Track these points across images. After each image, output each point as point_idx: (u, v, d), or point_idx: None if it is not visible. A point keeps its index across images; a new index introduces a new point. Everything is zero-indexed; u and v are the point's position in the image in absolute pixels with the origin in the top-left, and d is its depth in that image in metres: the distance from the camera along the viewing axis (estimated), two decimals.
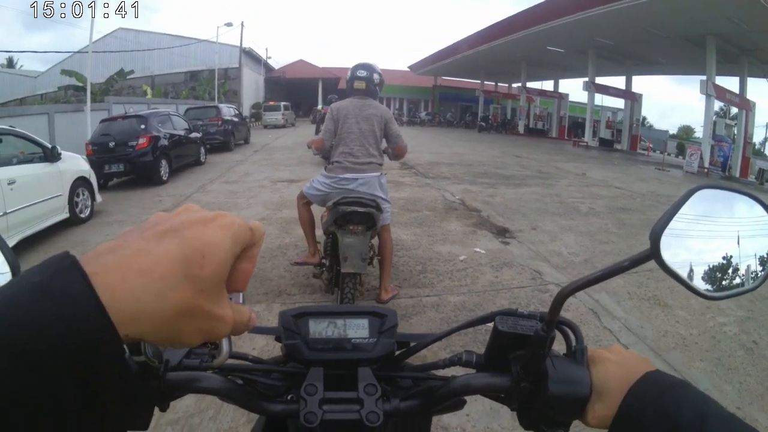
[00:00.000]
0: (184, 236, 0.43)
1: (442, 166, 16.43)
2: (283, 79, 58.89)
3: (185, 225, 0.45)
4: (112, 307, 0.38)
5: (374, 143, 4.75)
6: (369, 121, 4.73)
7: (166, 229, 0.44)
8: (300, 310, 0.87)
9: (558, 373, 0.72)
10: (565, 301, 0.69)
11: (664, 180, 16.28)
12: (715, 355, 4.17)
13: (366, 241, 4.31)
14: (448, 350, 3.19)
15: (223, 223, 0.46)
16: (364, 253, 4.25)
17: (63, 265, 0.39)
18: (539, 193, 11.50)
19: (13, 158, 7.96)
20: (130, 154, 12.87)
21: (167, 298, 0.41)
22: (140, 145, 12.96)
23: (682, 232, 0.64)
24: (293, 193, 10.44)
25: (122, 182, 13.66)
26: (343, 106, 4.82)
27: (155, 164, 13.28)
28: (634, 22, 20.90)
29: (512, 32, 28.82)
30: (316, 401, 0.74)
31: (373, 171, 4.71)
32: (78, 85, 28.69)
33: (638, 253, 0.62)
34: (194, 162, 16.82)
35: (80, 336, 0.36)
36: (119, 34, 45.65)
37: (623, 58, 29.08)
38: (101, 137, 13.22)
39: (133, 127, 13.46)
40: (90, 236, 8.25)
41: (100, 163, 12.32)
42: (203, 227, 0.45)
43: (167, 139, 14.28)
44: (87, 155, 12.10)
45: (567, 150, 27.32)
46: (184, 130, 16.28)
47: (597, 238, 7.68)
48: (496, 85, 51.87)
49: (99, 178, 11.21)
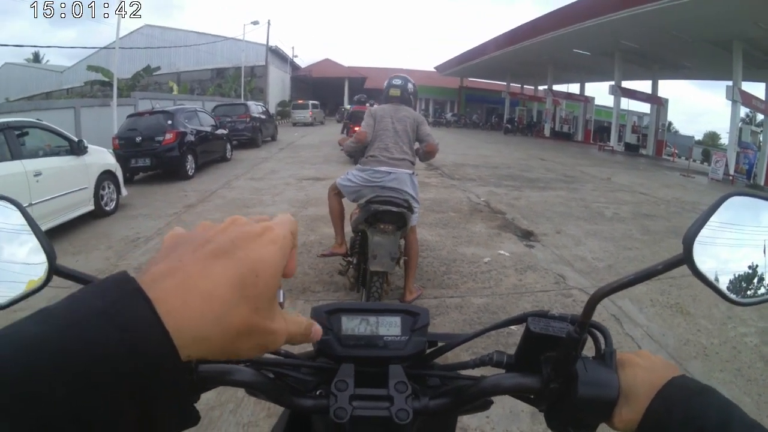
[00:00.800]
0: (237, 257, 0.44)
1: (467, 168, 16.40)
2: (309, 78, 58.86)
3: (237, 243, 0.45)
4: (175, 333, 0.39)
5: (407, 143, 4.97)
6: (403, 122, 4.96)
7: (219, 249, 0.44)
8: (333, 306, 0.89)
9: (588, 375, 0.73)
10: (599, 303, 0.70)
11: (689, 186, 16.12)
12: (735, 365, 4.15)
13: (396, 240, 4.40)
14: (470, 351, 3.25)
15: (272, 238, 0.47)
16: (393, 253, 4.32)
17: (126, 290, 0.40)
18: (564, 197, 11.47)
19: (40, 151, 8.12)
20: (156, 149, 13.13)
21: (226, 320, 0.42)
22: (167, 140, 13.22)
23: (711, 238, 0.64)
24: (318, 191, 10.56)
25: (148, 176, 13.93)
26: (381, 108, 5.13)
27: (181, 159, 13.50)
28: (660, 25, 20.63)
29: (538, 34, 28.64)
30: (346, 397, 0.75)
31: (406, 168, 4.86)
32: (104, 81, 29.05)
33: (671, 257, 0.63)
34: (220, 158, 17.04)
35: (143, 361, 0.38)
36: (145, 31, 46.05)
37: (649, 62, 28.72)
38: (128, 132, 13.48)
39: (159, 122, 13.72)
40: (115, 229, 8.39)
41: (127, 157, 12.63)
42: (254, 244, 0.46)
43: (193, 134, 14.52)
44: (114, 149, 12.51)
45: (592, 154, 27.10)
46: (210, 126, 16.58)
47: (621, 244, 7.65)
48: (522, 87, 51.53)
49: (125, 172, 11.51)
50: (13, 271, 0.67)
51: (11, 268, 0.67)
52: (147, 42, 42.17)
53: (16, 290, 0.66)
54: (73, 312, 0.38)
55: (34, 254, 0.67)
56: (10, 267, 0.67)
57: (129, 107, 20.25)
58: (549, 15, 27.81)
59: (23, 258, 0.68)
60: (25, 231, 0.68)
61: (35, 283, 0.66)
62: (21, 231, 0.68)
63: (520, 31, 31.70)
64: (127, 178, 11.86)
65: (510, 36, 33.52)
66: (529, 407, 1.03)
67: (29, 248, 0.68)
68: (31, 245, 0.68)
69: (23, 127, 7.87)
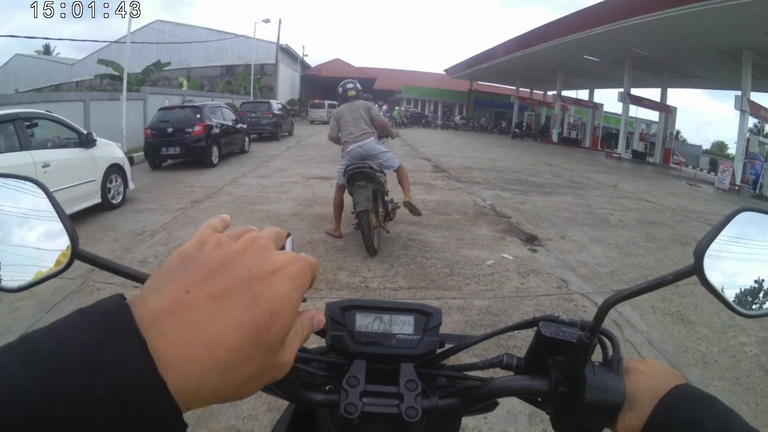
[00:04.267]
0: (251, 295, 0.40)
1: (474, 171, 16.42)
2: (319, 77, 58.71)
3: (252, 278, 0.41)
4: (174, 387, 0.35)
5: (364, 122, 7.15)
6: (357, 111, 7.21)
7: (233, 283, 0.40)
8: (348, 302, 0.89)
9: (596, 380, 0.74)
10: (610, 310, 0.72)
11: (695, 196, 16.09)
12: (733, 374, 4.17)
13: (368, 189, 6.32)
14: (470, 353, 3.30)
15: (291, 273, 0.44)
16: (368, 197, 6.30)
17: (118, 331, 0.36)
18: (570, 203, 11.48)
19: (49, 142, 8.22)
20: (186, 139, 14.75)
21: (233, 372, 0.39)
22: (196, 132, 14.88)
23: (720, 252, 0.65)
24: (325, 190, 10.65)
25: (159, 170, 14.42)
26: (339, 109, 7.44)
27: (208, 149, 15.25)
28: (671, 33, 20.62)
29: (549, 39, 28.69)
30: (357, 393, 0.76)
31: (367, 138, 7.05)
32: (114, 75, 29.21)
33: (681, 268, 0.64)
34: (239, 150, 18.78)
35: (136, 415, 0.34)
36: (157, 26, 46.15)
37: (659, 70, 28.71)
38: (160, 123, 15.02)
39: (189, 115, 15.36)
40: (121, 222, 8.45)
41: (158, 146, 14.68)
42: (271, 280, 0.42)
43: (218, 128, 16.14)
44: (146, 138, 14.94)
45: (599, 161, 27.06)
46: (232, 120, 18.20)
47: (625, 251, 7.66)
48: (531, 92, 51.37)
49: (155, 158, 14.93)
50: (37, 252, 0.68)
51: (35, 250, 0.68)
52: (158, 37, 42.13)
53: (37, 272, 0.67)
54: (55, 353, 0.34)
55: (58, 237, 0.68)
56: (35, 248, 0.68)
57: (138, 102, 20.65)
58: (560, 20, 27.82)
59: (47, 240, 0.68)
60: (50, 214, 0.69)
61: (58, 265, 0.67)
62: (46, 214, 0.69)
63: (530, 35, 31.71)
64: (156, 164, 15.08)
65: (520, 40, 33.53)
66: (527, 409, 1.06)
67: (53, 231, 0.68)
68: (55, 228, 0.68)
69: (33, 118, 7.96)
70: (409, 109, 55.16)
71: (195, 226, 7.89)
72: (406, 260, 6.59)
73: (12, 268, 0.67)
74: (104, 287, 5.46)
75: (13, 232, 0.69)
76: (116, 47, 36.17)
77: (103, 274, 5.58)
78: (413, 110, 55.35)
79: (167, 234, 7.78)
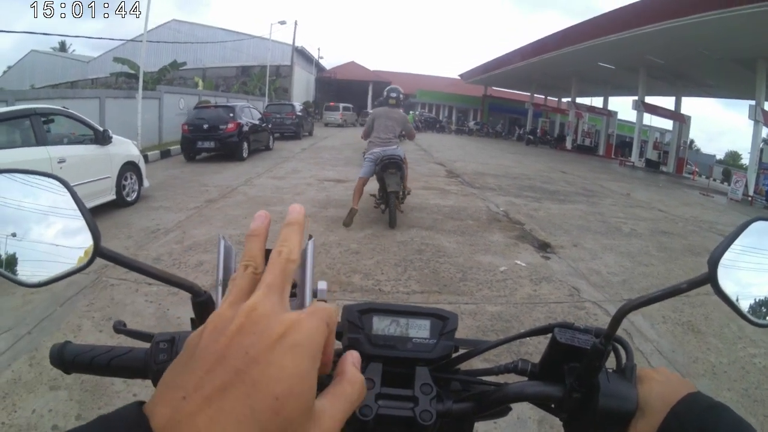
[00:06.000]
0: (250, 383, 0.36)
1: (487, 177, 16.44)
2: (333, 80, 58.58)
3: (249, 363, 0.37)
4: None
5: (393, 131, 8.58)
6: (393, 120, 8.54)
7: (228, 379, 0.36)
8: (366, 305, 0.89)
9: (609, 387, 0.74)
10: (625, 317, 0.72)
11: (708, 206, 16.01)
12: (742, 385, 4.17)
13: (397, 176, 8.33)
14: (480, 358, 3.35)
15: (294, 343, 0.39)
16: (398, 182, 8.33)
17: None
18: (583, 211, 11.48)
19: (65, 138, 8.34)
20: (220, 135, 16.71)
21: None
22: (229, 128, 16.85)
23: (734, 261, 0.65)
24: (340, 193, 10.79)
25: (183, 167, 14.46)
26: (378, 110, 8.70)
27: (239, 145, 17.30)
28: (685, 41, 20.60)
29: (564, 46, 28.70)
30: (372, 395, 0.77)
31: (392, 145, 8.51)
32: (130, 73, 29.22)
33: (696, 277, 0.64)
34: (264, 147, 20.75)
35: None
36: (173, 26, 46.52)
37: (673, 78, 28.61)
38: (196, 120, 17.20)
39: (223, 114, 17.38)
40: (135, 219, 8.60)
41: (194, 140, 16.73)
42: (270, 358, 0.37)
43: (248, 126, 18.05)
44: (183, 133, 17.12)
45: (613, 169, 26.96)
46: (258, 120, 20.23)
47: (637, 260, 7.66)
48: (546, 98, 51.34)
49: (190, 151, 17.02)
50: (58, 249, 0.69)
51: (56, 246, 0.69)
52: (174, 36, 42.33)
53: (59, 268, 0.68)
54: None
55: (80, 234, 0.69)
56: (56, 245, 0.69)
57: (154, 100, 20.95)
58: (576, 27, 27.82)
59: (68, 237, 0.69)
60: (71, 211, 0.70)
61: (79, 262, 0.68)
62: (68, 211, 0.70)
63: (546, 41, 31.71)
64: (191, 156, 17.16)
65: (536, 46, 33.53)
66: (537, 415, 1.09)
67: (75, 228, 0.69)
68: (76, 225, 0.69)
69: (49, 114, 8.08)
70: (423, 113, 55.05)
71: (209, 225, 8.10)
72: (419, 264, 6.64)
73: (32, 264, 0.68)
74: (118, 283, 5.55)
75: (34, 229, 0.70)
76: (132, 46, 36.48)
77: (117, 271, 5.71)
78: (428, 115, 55.23)
79: (182, 232, 7.87)
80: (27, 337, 4.40)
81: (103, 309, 5.00)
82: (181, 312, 4.93)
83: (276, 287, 0.42)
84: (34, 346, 4.22)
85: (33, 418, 3.28)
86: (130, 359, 0.86)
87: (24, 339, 4.37)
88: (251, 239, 0.47)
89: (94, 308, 5.01)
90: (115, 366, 0.86)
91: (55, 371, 3.72)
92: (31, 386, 3.64)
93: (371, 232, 8.12)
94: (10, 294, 5.24)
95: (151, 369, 0.81)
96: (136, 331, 0.91)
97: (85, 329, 4.58)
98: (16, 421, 3.24)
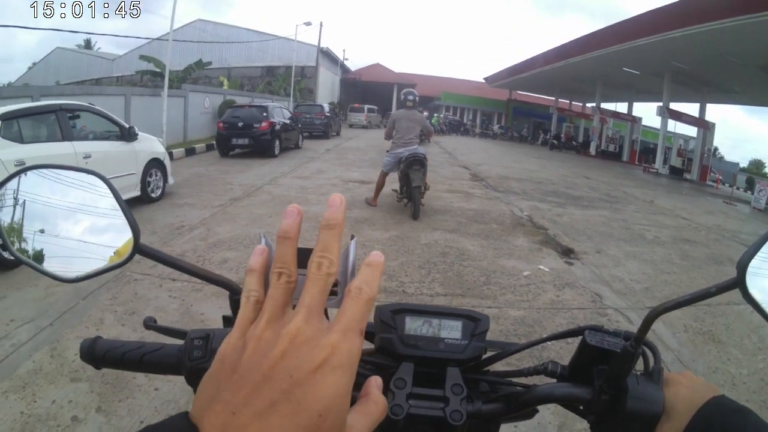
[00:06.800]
0: (296, 402, 0.38)
1: (512, 181, 16.41)
2: (358, 81, 58.38)
3: (294, 385, 0.39)
4: None
5: (415, 131, 9.59)
6: (414, 121, 9.60)
7: (275, 398, 0.38)
8: (398, 306, 0.89)
9: (637, 390, 0.75)
10: (655, 320, 0.74)
11: (731, 214, 15.82)
12: (761, 397, 4.14)
13: (422, 171, 9.27)
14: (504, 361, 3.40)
15: (336, 365, 0.41)
16: (422, 177, 9.26)
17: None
18: (606, 217, 11.44)
19: (90, 134, 8.46)
20: (254, 133, 17.91)
21: None
22: (262, 127, 18.05)
23: (761, 267, 0.64)
24: (364, 194, 11.00)
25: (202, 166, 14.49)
26: (398, 112, 9.75)
27: (272, 142, 18.44)
28: (711, 47, 20.34)
29: (589, 50, 28.39)
30: (404, 395, 0.78)
31: (414, 144, 9.55)
32: (155, 71, 29.63)
33: (724, 281, 0.64)
34: (294, 146, 21.95)
35: None
36: (198, 25, 46.84)
37: (698, 85, 28.26)
38: (231, 118, 18.32)
39: (257, 113, 18.58)
40: (159, 215, 8.76)
41: (229, 137, 17.95)
42: (314, 380, 0.39)
43: (279, 125, 19.20)
44: (218, 130, 18.39)
45: (636, 175, 26.68)
46: (289, 119, 21.46)
47: (659, 268, 7.63)
48: (570, 103, 50.93)
49: (225, 147, 18.25)
50: (98, 244, 0.70)
51: (96, 242, 0.70)
52: (199, 36, 42.52)
53: (96, 264, 0.69)
54: None
55: (118, 231, 0.70)
56: (95, 240, 0.70)
57: (179, 99, 21.34)
58: (601, 31, 27.55)
59: (108, 233, 0.70)
60: (110, 208, 0.71)
61: (118, 258, 0.70)
62: (106, 207, 0.71)
63: (571, 45, 31.40)
64: (224, 152, 18.39)
65: (561, 50, 33.25)
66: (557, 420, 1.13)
67: (113, 224, 0.70)
68: (115, 222, 0.70)
69: (76, 110, 8.19)
70: (447, 116, 54.72)
71: (234, 223, 8.25)
72: (443, 267, 6.69)
73: (70, 259, 0.70)
74: (141, 278, 5.64)
75: (72, 224, 0.71)
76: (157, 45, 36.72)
77: (141, 266, 5.78)
78: (452, 117, 54.83)
79: (206, 229, 7.98)
80: (49, 329, 4.49)
81: (126, 303, 5.09)
82: (204, 308, 5.02)
83: (315, 309, 0.43)
84: (56, 338, 4.32)
85: (53, 408, 3.35)
86: (162, 356, 0.87)
87: (46, 330, 4.47)
88: (283, 242, 0.47)
89: (117, 302, 5.11)
90: (148, 362, 0.88)
91: (76, 363, 3.86)
92: (52, 377, 3.71)
93: (396, 233, 8.18)
94: (34, 285, 5.37)
95: (185, 366, 0.82)
96: (169, 328, 0.94)
97: (108, 323, 4.68)
98: (35, 411, 3.31)
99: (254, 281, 0.48)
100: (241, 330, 0.45)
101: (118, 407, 3.41)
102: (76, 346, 4.14)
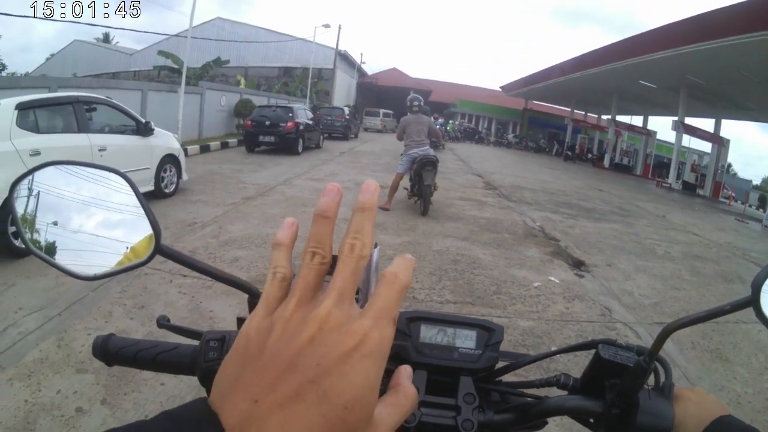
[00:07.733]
0: (322, 392, 0.36)
1: (524, 191, 16.39)
2: (375, 85, 58.19)
3: (321, 373, 0.37)
4: None
5: (425, 134, 10.38)
6: (422, 124, 10.38)
7: (300, 387, 0.36)
8: (414, 313, 0.90)
9: (648, 404, 0.76)
10: (669, 336, 0.74)
11: (743, 232, 15.77)
12: (766, 417, 4.12)
13: (433, 172, 10.07)
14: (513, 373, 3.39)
15: (367, 353, 0.38)
16: (433, 177, 10.09)
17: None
18: (618, 230, 11.41)
19: (106, 127, 8.51)
20: (280, 131, 19.14)
21: None
22: (288, 126, 19.31)
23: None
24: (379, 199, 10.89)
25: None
26: (407, 117, 10.51)
27: (296, 141, 19.80)
28: (726, 62, 20.28)
29: (606, 63, 28.36)
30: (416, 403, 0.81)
31: (425, 146, 10.33)
32: (173, 67, 29.89)
33: (738, 299, 0.65)
34: (315, 146, 23.25)
35: None
36: (217, 23, 46.82)
37: (714, 100, 28.19)
38: (259, 117, 19.53)
39: (283, 114, 19.87)
40: (172, 211, 8.80)
41: (256, 134, 19.22)
42: (342, 369, 0.37)
43: (303, 125, 20.47)
44: (246, 128, 19.73)
45: (649, 189, 26.57)
46: (311, 120, 22.71)
47: (669, 284, 7.61)
48: (586, 114, 50.81)
49: (252, 144, 19.62)
50: (115, 243, 0.69)
51: (113, 238, 0.69)
52: (217, 34, 42.54)
53: (115, 262, 0.68)
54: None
55: (138, 230, 0.69)
56: (115, 239, 0.69)
57: (196, 96, 21.56)
58: (619, 43, 27.51)
59: (129, 232, 0.69)
60: (131, 206, 0.70)
61: (138, 257, 0.69)
62: (128, 206, 0.70)
63: (588, 57, 31.36)
64: (251, 148, 19.70)
65: (578, 61, 33.20)
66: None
67: (134, 223, 0.69)
68: (135, 221, 0.69)
69: (92, 103, 8.25)
70: (462, 123, 54.42)
71: (246, 222, 8.32)
72: (454, 275, 6.70)
73: (89, 257, 0.69)
74: (152, 273, 5.69)
75: (91, 222, 0.70)
76: (175, 41, 37.01)
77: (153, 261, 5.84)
78: (467, 125, 54.47)
79: (218, 227, 8.03)
80: (57, 319, 4.54)
81: (135, 297, 5.14)
82: (214, 305, 5.06)
83: (347, 292, 0.41)
84: (64, 328, 4.36)
85: (57, 398, 3.37)
86: (176, 355, 0.87)
87: (54, 320, 4.52)
88: (321, 221, 0.44)
89: (126, 296, 5.15)
90: (161, 362, 0.87)
91: (83, 354, 3.94)
92: (58, 367, 3.74)
93: (408, 239, 8.22)
94: (44, 275, 5.42)
95: (200, 367, 0.82)
96: (183, 327, 0.93)
97: (116, 315, 4.71)
98: (39, 399, 3.34)
99: (282, 257, 0.46)
100: (267, 308, 0.42)
101: (124, 401, 3.45)
102: (84, 337, 4.22)
